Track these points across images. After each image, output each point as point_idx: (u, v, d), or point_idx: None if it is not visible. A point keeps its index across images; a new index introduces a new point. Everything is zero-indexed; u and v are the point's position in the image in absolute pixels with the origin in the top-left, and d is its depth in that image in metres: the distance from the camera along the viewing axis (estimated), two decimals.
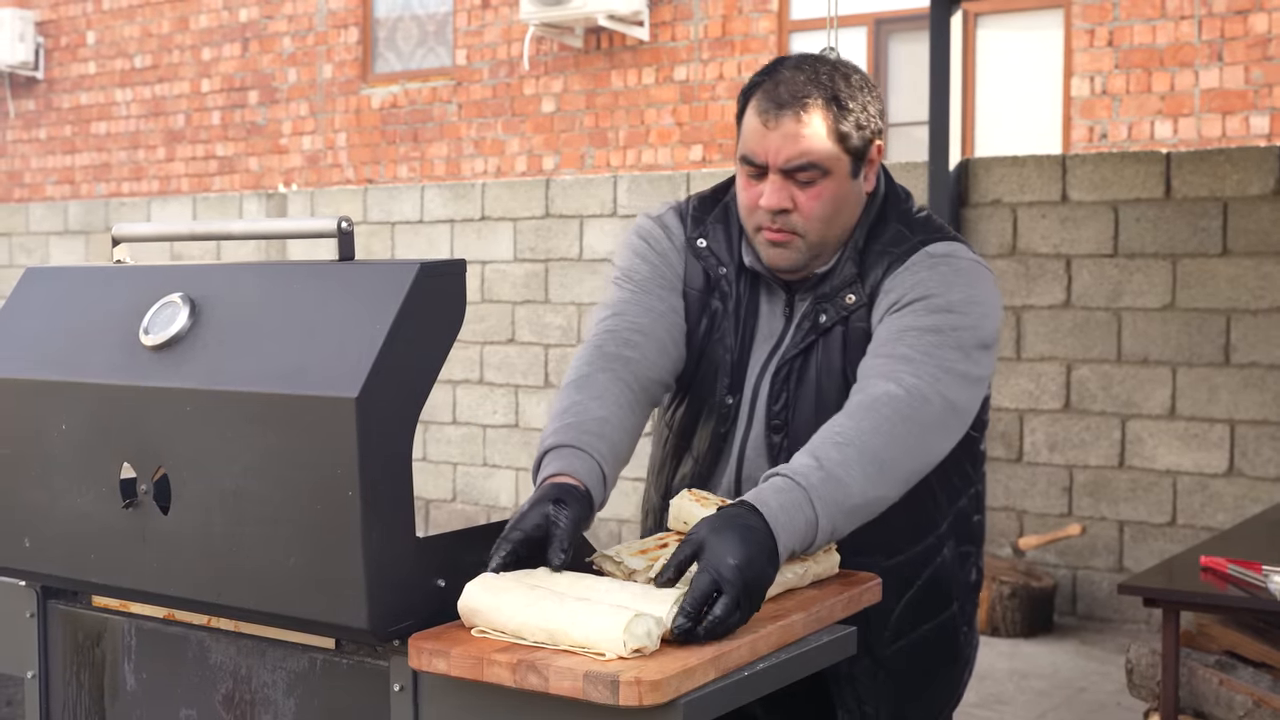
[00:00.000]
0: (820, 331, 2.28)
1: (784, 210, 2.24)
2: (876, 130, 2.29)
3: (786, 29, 9.62)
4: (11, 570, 2.20)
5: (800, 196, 2.24)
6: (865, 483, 2.03)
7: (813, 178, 2.23)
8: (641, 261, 2.41)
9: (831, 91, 2.23)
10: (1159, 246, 6.27)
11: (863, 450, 2.03)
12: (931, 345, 2.15)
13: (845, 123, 2.24)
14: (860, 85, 2.28)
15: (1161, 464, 6.29)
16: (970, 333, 2.19)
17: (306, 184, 11.52)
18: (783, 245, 2.27)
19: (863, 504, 2.04)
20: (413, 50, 11.29)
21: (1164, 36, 8.49)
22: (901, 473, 2.10)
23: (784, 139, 2.21)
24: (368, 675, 1.90)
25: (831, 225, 2.27)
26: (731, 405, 2.35)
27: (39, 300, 2.21)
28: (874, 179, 2.33)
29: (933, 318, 2.18)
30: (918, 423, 2.10)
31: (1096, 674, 5.59)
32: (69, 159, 13.14)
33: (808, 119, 2.21)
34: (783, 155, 2.22)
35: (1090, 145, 8.65)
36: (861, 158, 2.28)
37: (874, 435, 2.05)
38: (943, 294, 2.20)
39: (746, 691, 1.79)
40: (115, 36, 12.77)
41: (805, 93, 2.22)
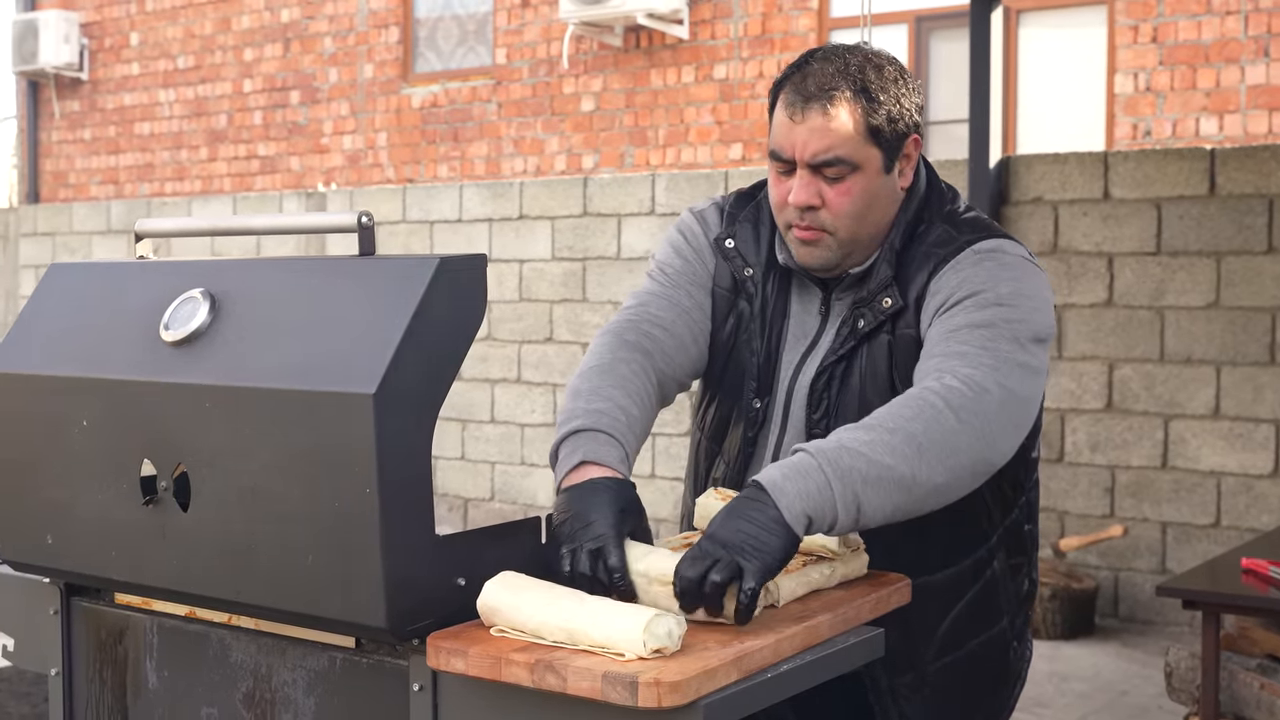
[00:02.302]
0: (860, 337, 2.20)
1: (812, 207, 2.17)
2: (912, 124, 2.20)
3: (827, 26, 9.56)
4: (35, 567, 2.19)
5: (829, 193, 2.16)
6: (896, 458, 1.91)
7: (841, 173, 2.15)
8: (677, 256, 2.37)
9: (861, 83, 2.14)
10: (1203, 244, 6.19)
11: (894, 430, 1.93)
12: (985, 339, 2.06)
13: (876, 116, 2.15)
14: (894, 77, 2.19)
15: (1205, 464, 6.21)
16: (1023, 325, 2.09)
17: (347, 183, 11.54)
18: (813, 244, 2.20)
19: (894, 478, 1.91)
20: (453, 50, 11.30)
21: (1209, 32, 8.39)
22: (961, 459, 1.97)
23: (810, 133, 2.13)
24: (387, 674, 1.88)
25: (863, 222, 2.19)
26: (760, 408, 2.29)
27: (62, 296, 2.20)
28: (910, 175, 2.24)
29: (983, 313, 2.08)
30: (975, 412, 1.98)
31: (1138, 677, 5.52)
32: (113, 159, 13.22)
33: (835, 112, 2.13)
34: (809, 150, 2.14)
35: (1134, 142, 8.56)
36: (895, 152, 2.19)
37: (912, 420, 1.95)
38: (991, 288, 2.11)
39: (770, 693, 1.76)
40: (158, 37, 12.84)
41: (833, 85, 2.13)
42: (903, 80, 2.20)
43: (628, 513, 1.95)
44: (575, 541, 1.91)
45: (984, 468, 2.02)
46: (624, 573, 1.87)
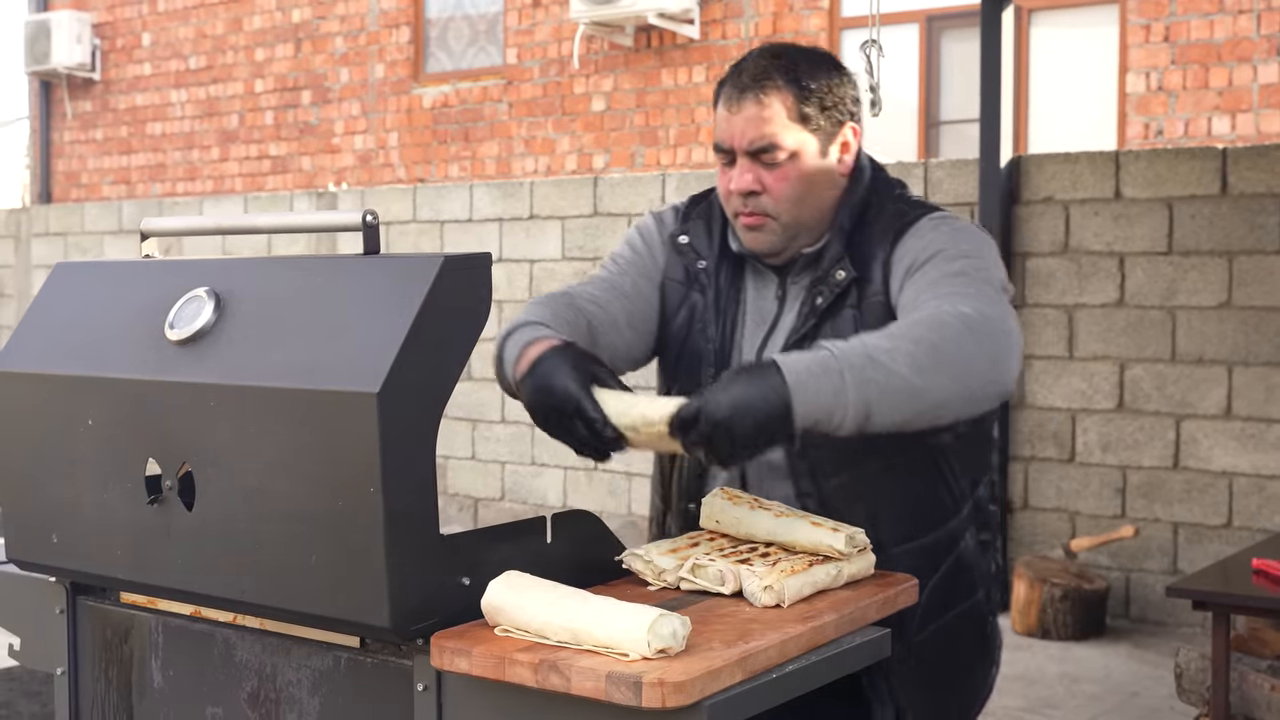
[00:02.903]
0: (820, 314, 2.28)
1: (753, 193, 2.27)
2: (847, 113, 2.32)
3: (838, 26, 9.55)
4: (41, 566, 2.20)
5: (768, 178, 2.27)
6: (915, 369, 1.95)
7: (777, 159, 2.26)
8: (629, 249, 2.49)
9: (793, 74, 2.26)
10: (1215, 244, 6.17)
11: (918, 341, 1.98)
12: (967, 284, 2.14)
13: (808, 104, 2.27)
14: (828, 69, 2.31)
15: (1217, 465, 6.18)
16: (992, 273, 2.20)
17: (358, 183, 11.55)
18: (757, 229, 2.31)
19: (910, 389, 1.94)
20: (464, 50, 11.30)
21: (1221, 31, 8.36)
22: (973, 378, 2.01)
23: (746, 122, 2.25)
24: (392, 674, 1.88)
25: (803, 206, 2.29)
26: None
27: (68, 295, 2.20)
28: (851, 162, 2.34)
29: (955, 264, 2.18)
30: (988, 334, 2.03)
31: (1149, 678, 5.50)
32: (125, 159, 13.24)
33: (768, 101, 2.25)
34: (746, 138, 2.26)
35: (1146, 142, 8.54)
36: (830, 138, 2.30)
37: (933, 333, 2.00)
38: (954, 246, 2.21)
39: (774, 694, 1.76)
40: (170, 38, 12.86)
41: (765, 76, 2.26)
42: (837, 73, 2.33)
43: (580, 367, 2.03)
44: (551, 415, 2.00)
45: (994, 389, 2.06)
46: (604, 420, 1.98)
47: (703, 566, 2.03)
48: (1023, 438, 6.62)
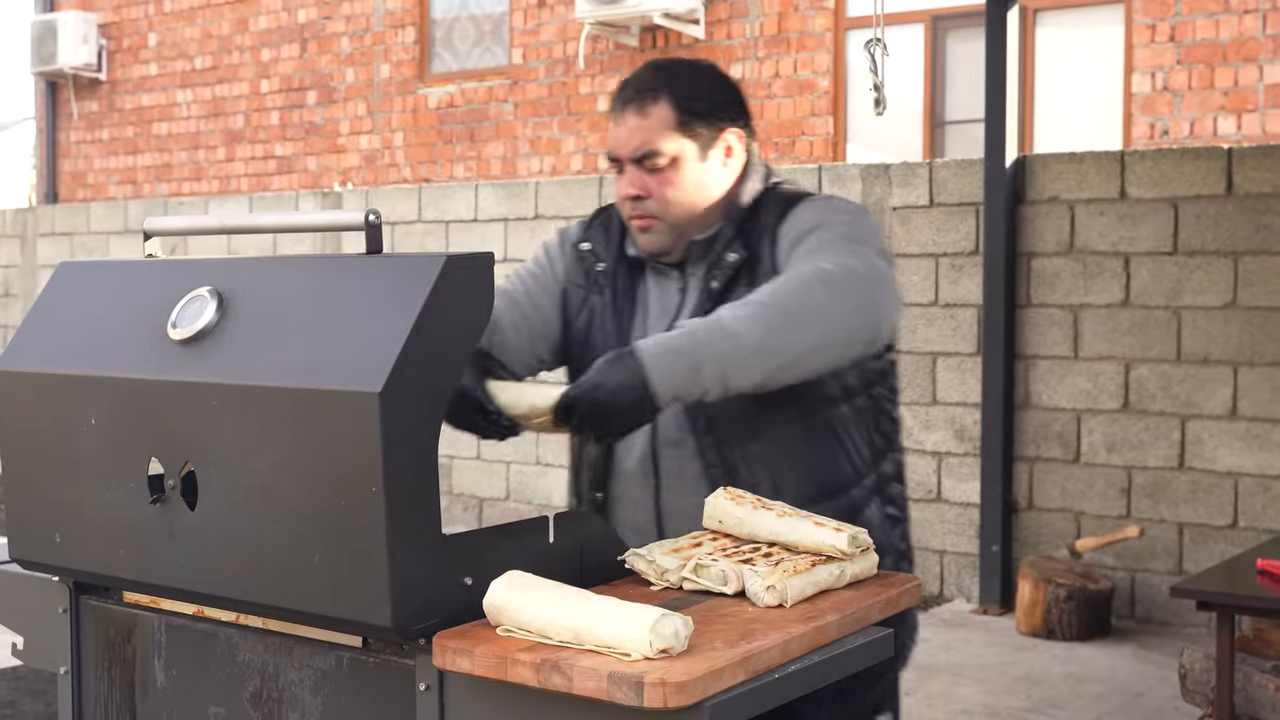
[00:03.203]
0: (716, 296, 2.39)
1: (639, 197, 2.42)
2: (730, 118, 2.46)
3: (843, 26, 9.54)
4: (44, 565, 2.20)
5: (652, 183, 2.41)
6: (766, 329, 2.13)
7: (659, 164, 2.40)
8: (533, 263, 2.66)
9: (672, 84, 2.41)
10: (1220, 244, 6.16)
11: (769, 305, 2.16)
12: (840, 247, 2.30)
13: (687, 113, 2.40)
14: (709, 79, 2.47)
15: (1223, 465, 6.18)
16: (869, 239, 2.35)
17: (364, 183, 11.55)
18: (647, 230, 2.45)
19: (764, 348, 2.13)
20: (469, 50, 11.30)
21: (1227, 31, 8.35)
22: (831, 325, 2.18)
23: (629, 132, 2.41)
24: (394, 674, 1.88)
25: (686, 207, 2.43)
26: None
27: (71, 294, 2.20)
28: (737, 165, 2.47)
29: (831, 232, 2.34)
30: (846, 283, 2.20)
31: (1154, 678, 5.50)
32: (131, 159, 13.25)
33: (650, 111, 2.40)
34: (629, 146, 2.41)
35: (1151, 142, 8.53)
36: (710, 143, 2.43)
37: (786, 293, 2.18)
38: (832, 217, 2.38)
39: (776, 694, 1.75)
40: (176, 38, 12.87)
41: (647, 87, 2.41)
42: (718, 83, 2.49)
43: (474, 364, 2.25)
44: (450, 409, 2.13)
45: (860, 335, 2.24)
46: (498, 411, 2.20)
47: (705, 566, 2.03)
48: (1027, 438, 6.62)
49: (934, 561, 6.92)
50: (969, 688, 5.43)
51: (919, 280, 6.89)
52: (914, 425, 6.94)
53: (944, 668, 5.69)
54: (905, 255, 6.93)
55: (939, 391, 6.87)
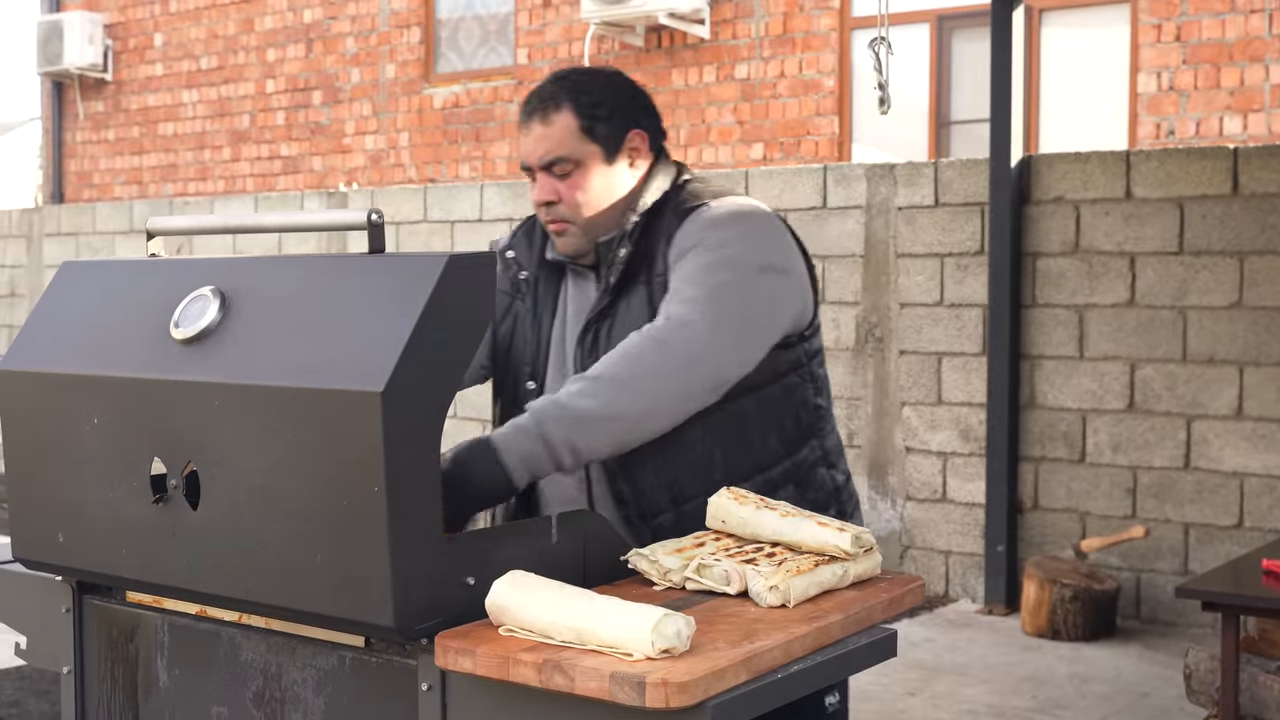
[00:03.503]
0: (614, 291, 2.48)
1: (550, 202, 2.50)
2: (632, 121, 2.51)
3: (849, 26, 9.54)
4: (47, 565, 2.20)
5: (562, 188, 2.49)
6: (600, 401, 2.22)
7: (566, 170, 2.48)
8: None
9: (574, 92, 2.48)
10: (1226, 244, 6.15)
11: (598, 377, 2.24)
12: (705, 274, 2.36)
13: (590, 117, 2.47)
14: (611, 84, 2.53)
15: (1228, 465, 6.17)
16: (743, 257, 2.40)
17: (369, 183, 11.55)
18: (562, 234, 2.53)
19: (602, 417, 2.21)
20: (474, 50, 11.31)
21: (1233, 31, 8.34)
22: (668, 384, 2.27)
23: (535, 141, 2.49)
24: (396, 674, 1.88)
25: (595, 209, 2.50)
26: (534, 389, 2.57)
27: (74, 294, 2.20)
28: (643, 164, 2.54)
29: (708, 255, 2.39)
30: (680, 341, 2.28)
31: (1160, 679, 5.49)
32: (137, 159, 13.27)
33: (553, 119, 2.47)
34: (536, 154, 2.49)
35: (1157, 142, 8.52)
36: (615, 146, 2.50)
37: (617, 363, 2.25)
38: (715, 232, 2.42)
39: (779, 694, 1.75)
40: (182, 38, 12.88)
41: (549, 96, 2.49)
42: (620, 87, 2.55)
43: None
44: None
45: (703, 384, 2.31)
46: None
47: (708, 566, 2.03)
48: (1033, 438, 6.61)
49: (939, 561, 6.91)
50: (974, 688, 5.42)
51: (924, 280, 6.88)
52: (919, 425, 6.93)
53: (949, 668, 5.69)
54: (910, 255, 6.92)
55: (944, 391, 6.86)
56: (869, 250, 7.05)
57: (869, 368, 7.07)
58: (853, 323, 7.10)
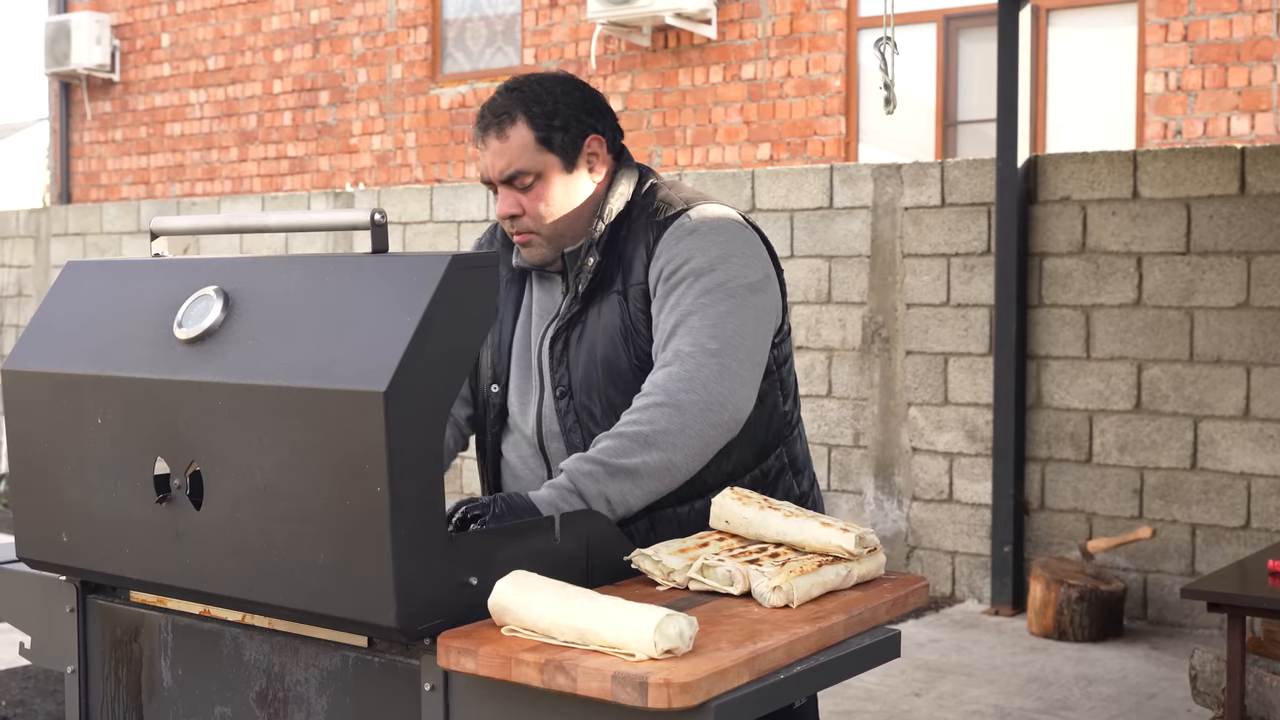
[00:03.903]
0: (584, 298, 2.49)
1: (514, 215, 2.50)
2: (588, 126, 2.51)
3: (855, 26, 9.53)
4: (51, 565, 2.20)
5: (524, 200, 2.49)
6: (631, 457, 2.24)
7: (527, 182, 2.48)
8: None
9: (526, 104, 2.48)
10: (1233, 244, 6.14)
11: (623, 435, 2.26)
12: (705, 306, 2.37)
13: (545, 128, 2.47)
14: (563, 92, 2.51)
15: (1235, 466, 6.16)
16: (735, 281, 2.40)
17: (376, 183, 11.56)
18: (527, 245, 2.54)
19: (635, 471, 2.23)
20: (481, 50, 11.31)
21: (1240, 31, 8.32)
22: (689, 435, 2.28)
23: (493, 156, 2.48)
24: (399, 674, 1.88)
25: (560, 217, 2.50)
26: (498, 393, 2.61)
27: (79, 293, 2.20)
28: (603, 168, 2.54)
29: (703, 280, 2.39)
30: (693, 389, 2.29)
31: (1166, 680, 5.48)
32: (144, 160, 13.28)
33: (509, 132, 2.47)
34: (496, 169, 2.49)
35: (1165, 142, 8.50)
36: (573, 153, 2.50)
37: (639, 422, 2.27)
38: (704, 254, 2.41)
39: (782, 695, 1.75)
40: (189, 39, 12.90)
41: (502, 110, 2.48)
42: (575, 93, 2.53)
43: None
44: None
45: (723, 427, 2.32)
46: None
47: (711, 567, 2.02)
48: (1039, 438, 6.60)
49: (945, 562, 6.91)
50: (980, 688, 5.41)
51: (930, 280, 6.88)
52: (926, 426, 6.93)
53: (955, 668, 5.68)
54: (917, 255, 6.91)
55: (950, 392, 6.86)
56: (875, 250, 7.04)
57: (875, 368, 7.06)
58: (859, 323, 7.10)
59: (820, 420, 7.24)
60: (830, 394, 7.21)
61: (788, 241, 7.29)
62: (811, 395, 7.25)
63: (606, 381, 2.44)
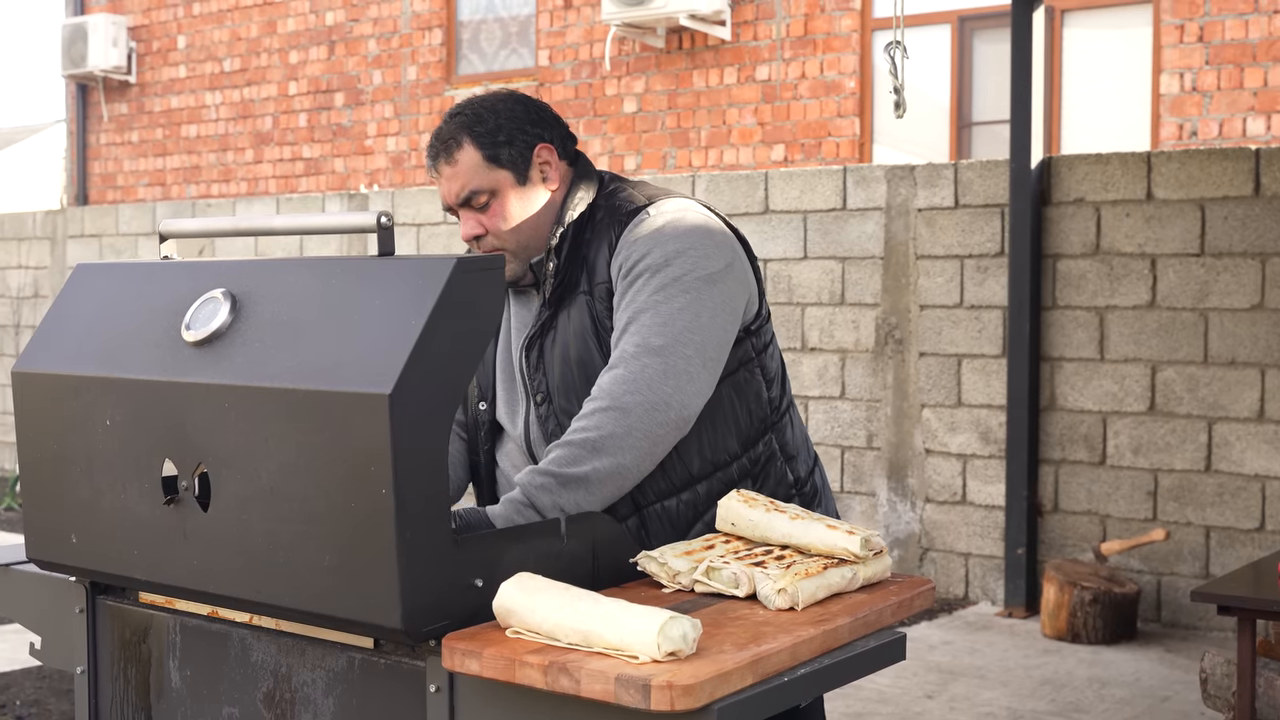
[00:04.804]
0: (553, 304, 2.52)
1: (477, 236, 2.53)
2: (535, 136, 2.54)
3: (869, 27, 9.52)
4: (60, 566, 2.21)
5: (484, 219, 2.52)
6: (580, 464, 2.25)
7: (483, 201, 2.51)
8: None
9: (470, 125, 2.51)
10: (1248, 245, 6.13)
11: (572, 443, 2.27)
12: (657, 303, 2.38)
13: (491, 145, 2.50)
14: (506, 109, 2.54)
15: (1250, 468, 6.14)
16: (691, 274, 2.40)
17: (391, 185, 11.58)
18: None
19: (587, 478, 2.24)
20: (496, 52, 11.32)
21: (1256, 31, 8.30)
22: (636, 438, 2.28)
23: (447, 181, 2.52)
24: (405, 676, 1.88)
25: (521, 230, 2.53)
26: (485, 410, 2.63)
27: (88, 296, 2.22)
28: (556, 176, 2.56)
29: (658, 276, 2.40)
30: (639, 390, 2.30)
31: (1180, 683, 5.47)
32: (160, 161, 13.32)
33: (457, 157, 2.50)
34: (452, 194, 2.52)
35: (1180, 143, 8.48)
36: (523, 166, 2.52)
37: (587, 429, 2.29)
38: (659, 248, 2.42)
39: (785, 697, 1.75)
40: (205, 40, 12.93)
41: (447, 136, 2.52)
42: (517, 108, 2.56)
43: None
44: None
45: (670, 425, 2.32)
46: None
47: (717, 569, 2.03)
48: (1053, 440, 6.59)
49: (959, 564, 6.90)
50: (993, 690, 5.41)
51: (944, 282, 6.87)
52: (939, 427, 6.92)
53: (968, 670, 5.67)
54: (930, 257, 6.91)
55: (964, 393, 6.85)
56: (889, 252, 7.04)
57: (889, 369, 7.06)
58: (872, 324, 7.09)
59: (833, 422, 7.23)
60: (843, 395, 7.20)
61: (801, 243, 7.29)
62: (825, 396, 7.24)
63: (582, 382, 2.45)
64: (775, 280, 7.34)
